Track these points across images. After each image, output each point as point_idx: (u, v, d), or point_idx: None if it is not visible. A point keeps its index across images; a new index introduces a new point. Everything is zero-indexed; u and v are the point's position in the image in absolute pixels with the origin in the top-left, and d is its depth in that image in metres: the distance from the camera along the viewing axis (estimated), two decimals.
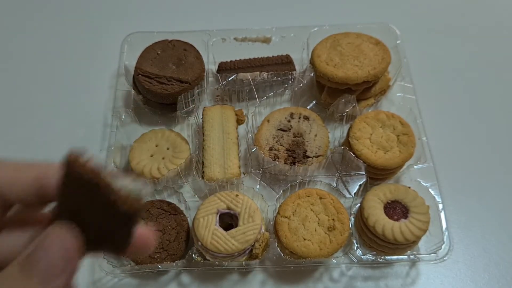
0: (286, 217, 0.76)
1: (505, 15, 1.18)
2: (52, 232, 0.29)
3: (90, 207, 0.30)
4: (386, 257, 0.77)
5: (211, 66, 0.98)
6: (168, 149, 0.88)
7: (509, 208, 0.87)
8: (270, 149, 0.85)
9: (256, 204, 0.77)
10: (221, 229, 0.74)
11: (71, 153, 0.30)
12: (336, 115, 0.92)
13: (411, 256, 0.77)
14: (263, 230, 0.77)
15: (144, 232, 0.34)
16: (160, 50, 0.95)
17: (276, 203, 0.81)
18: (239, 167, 0.83)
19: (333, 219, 0.75)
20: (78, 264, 0.30)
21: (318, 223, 0.75)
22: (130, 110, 0.94)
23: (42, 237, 0.29)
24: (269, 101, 0.98)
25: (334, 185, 0.85)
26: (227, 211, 0.76)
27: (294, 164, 0.83)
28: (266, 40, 1.01)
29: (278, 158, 0.84)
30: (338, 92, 0.91)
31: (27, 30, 1.16)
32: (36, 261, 0.28)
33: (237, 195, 0.77)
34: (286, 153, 0.85)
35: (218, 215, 0.76)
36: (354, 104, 0.89)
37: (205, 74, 0.95)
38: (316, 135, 0.87)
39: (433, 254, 0.76)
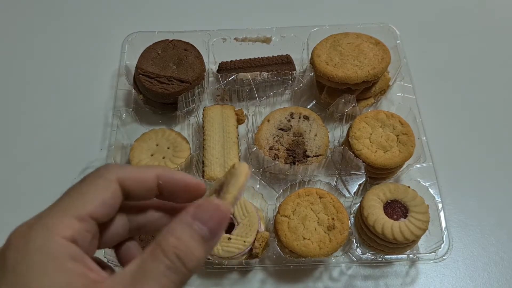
0: (286, 216, 0.76)
1: (505, 15, 1.18)
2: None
3: None
4: (386, 256, 0.77)
5: (211, 66, 0.98)
6: (168, 148, 0.88)
7: (508, 207, 0.87)
8: (270, 149, 0.85)
9: (258, 219, 0.77)
10: None
11: None
12: (336, 115, 0.92)
13: (411, 255, 0.77)
14: (262, 229, 0.77)
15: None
16: (160, 50, 0.95)
17: (276, 202, 0.82)
18: None
19: (332, 219, 0.76)
20: None
21: (318, 222, 0.76)
22: (131, 109, 0.94)
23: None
24: (269, 101, 0.98)
25: (334, 184, 0.85)
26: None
27: (294, 163, 0.84)
28: (266, 40, 1.02)
29: (278, 158, 0.84)
30: (338, 92, 0.91)
31: (27, 30, 1.16)
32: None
33: (246, 206, 0.76)
34: (286, 152, 0.85)
35: None
36: (353, 104, 0.89)
37: (206, 74, 0.96)
38: (316, 135, 0.87)
39: (432, 253, 0.76)
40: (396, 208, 0.76)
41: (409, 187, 0.79)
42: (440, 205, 0.80)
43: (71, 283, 0.27)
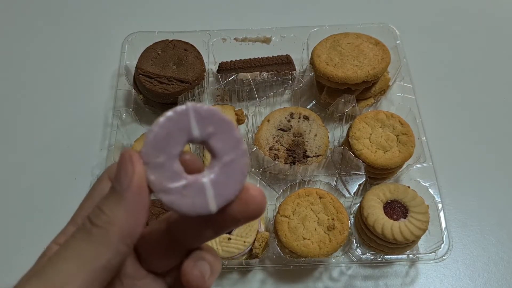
0: (285, 217, 0.76)
1: (505, 15, 1.18)
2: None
3: None
4: (386, 256, 0.77)
5: (211, 66, 0.98)
6: None
7: (509, 208, 0.87)
8: (270, 149, 0.85)
9: (258, 219, 0.76)
10: None
11: None
12: (336, 115, 0.92)
13: (411, 256, 0.78)
14: (262, 229, 0.77)
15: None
16: (160, 50, 0.95)
17: (276, 202, 0.82)
18: None
19: (332, 219, 0.76)
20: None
21: (318, 222, 0.76)
22: (131, 109, 0.94)
23: None
24: (269, 101, 0.98)
25: (334, 184, 0.86)
26: None
27: (294, 163, 0.84)
28: (266, 40, 1.02)
29: (278, 158, 0.84)
30: (337, 92, 0.91)
31: (27, 30, 1.16)
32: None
33: None
34: (286, 152, 0.85)
35: None
36: (353, 104, 0.89)
37: (206, 74, 0.96)
38: (316, 135, 0.87)
39: (432, 254, 0.76)
40: (396, 208, 0.76)
41: (409, 187, 0.79)
42: (440, 205, 0.80)
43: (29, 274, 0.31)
